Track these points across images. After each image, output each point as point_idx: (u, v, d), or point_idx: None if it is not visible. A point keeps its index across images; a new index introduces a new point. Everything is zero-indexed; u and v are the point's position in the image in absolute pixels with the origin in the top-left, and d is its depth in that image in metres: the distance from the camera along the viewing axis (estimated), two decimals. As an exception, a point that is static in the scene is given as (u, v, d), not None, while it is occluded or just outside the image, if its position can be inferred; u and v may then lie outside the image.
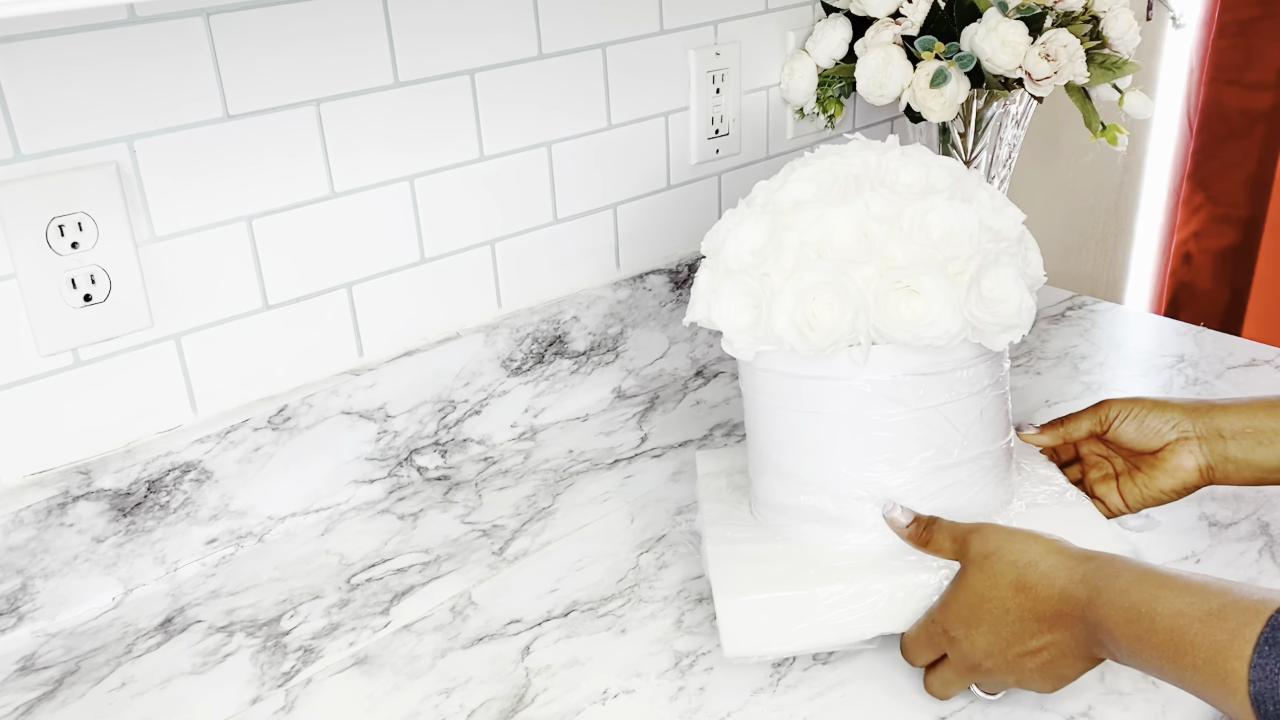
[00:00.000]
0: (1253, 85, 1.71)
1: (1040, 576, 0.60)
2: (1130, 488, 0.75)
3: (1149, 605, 0.55)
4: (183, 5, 0.74)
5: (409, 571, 0.82)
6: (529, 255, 0.99)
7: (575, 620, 0.76)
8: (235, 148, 0.79)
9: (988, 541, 0.64)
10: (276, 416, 0.85)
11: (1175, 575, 0.56)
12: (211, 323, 0.82)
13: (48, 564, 0.76)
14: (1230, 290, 1.83)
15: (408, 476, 0.94)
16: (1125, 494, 0.75)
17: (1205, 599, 0.53)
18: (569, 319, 1.01)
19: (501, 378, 0.98)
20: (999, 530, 0.64)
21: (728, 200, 1.13)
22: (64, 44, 0.70)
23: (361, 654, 0.74)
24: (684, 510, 0.88)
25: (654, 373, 1.10)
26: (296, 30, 0.79)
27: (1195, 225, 1.82)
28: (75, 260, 0.73)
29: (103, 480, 0.77)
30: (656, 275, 1.07)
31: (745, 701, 0.68)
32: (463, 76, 0.89)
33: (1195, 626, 0.53)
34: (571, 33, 0.95)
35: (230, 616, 0.78)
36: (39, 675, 0.73)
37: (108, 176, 0.73)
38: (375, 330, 0.91)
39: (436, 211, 0.91)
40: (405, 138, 0.87)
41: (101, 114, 0.73)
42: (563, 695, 0.69)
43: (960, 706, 0.66)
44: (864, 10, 1.04)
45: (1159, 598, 0.55)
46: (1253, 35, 1.68)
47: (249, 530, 0.86)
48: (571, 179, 0.99)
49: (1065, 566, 0.60)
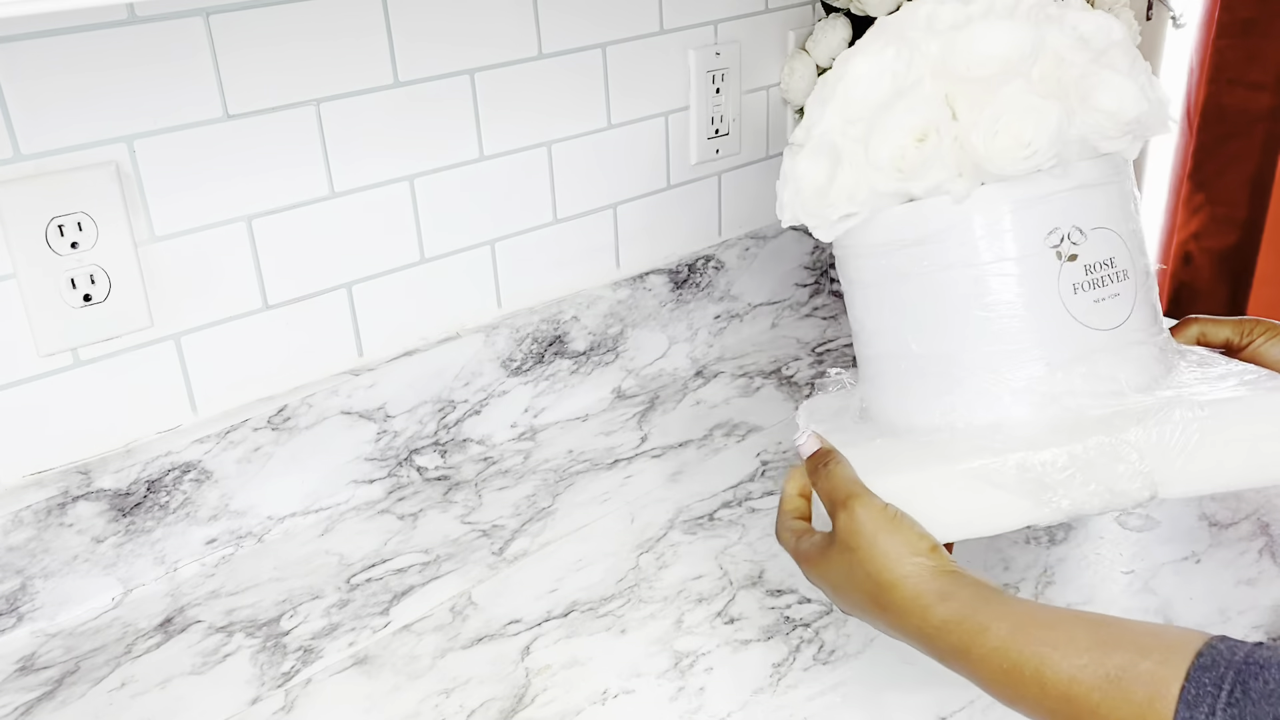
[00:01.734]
0: (1253, 85, 1.70)
1: (899, 607, 0.57)
2: None
3: (1034, 666, 0.50)
4: (182, 5, 0.74)
5: (409, 572, 0.82)
6: (529, 255, 0.99)
7: (575, 620, 0.76)
8: (235, 148, 0.79)
9: (853, 534, 0.59)
10: (276, 416, 0.84)
11: (1056, 621, 0.51)
12: (211, 323, 0.82)
13: (47, 564, 0.76)
14: (1230, 290, 1.83)
15: (407, 476, 0.94)
16: None
17: (1100, 659, 0.49)
18: (569, 319, 1.01)
19: (501, 378, 0.98)
20: (866, 523, 0.58)
21: (728, 200, 1.13)
22: (64, 44, 0.70)
23: (361, 654, 0.74)
24: (682, 510, 0.88)
25: (654, 373, 1.10)
26: (296, 30, 0.79)
27: (1195, 225, 1.82)
28: (75, 260, 0.73)
29: (102, 480, 0.77)
30: (656, 275, 1.07)
31: (745, 701, 0.68)
32: (463, 76, 0.89)
33: (1095, 697, 0.48)
34: (571, 33, 0.95)
35: (230, 617, 0.78)
36: (38, 675, 0.73)
37: (107, 176, 0.73)
38: (375, 330, 0.91)
39: (436, 211, 0.91)
40: (405, 137, 0.87)
41: (101, 114, 0.73)
42: (563, 695, 0.69)
43: (960, 707, 0.66)
44: (864, 10, 1.04)
45: (1045, 659, 0.50)
46: (1253, 35, 1.68)
47: (249, 530, 0.86)
48: (571, 179, 0.99)
49: (925, 605, 0.55)
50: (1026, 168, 0.60)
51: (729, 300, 1.15)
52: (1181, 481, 0.59)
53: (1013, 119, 0.60)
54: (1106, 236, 0.63)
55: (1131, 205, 0.65)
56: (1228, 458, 0.59)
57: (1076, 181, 0.62)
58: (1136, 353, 0.63)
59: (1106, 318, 0.62)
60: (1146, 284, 0.65)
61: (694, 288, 1.11)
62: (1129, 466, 0.59)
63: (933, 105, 0.63)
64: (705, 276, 1.12)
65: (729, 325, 1.16)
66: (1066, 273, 0.62)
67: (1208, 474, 0.59)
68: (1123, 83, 0.61)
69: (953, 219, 0.63)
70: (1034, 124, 0.60)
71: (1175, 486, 0.59)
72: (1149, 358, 0.64)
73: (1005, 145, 0.60)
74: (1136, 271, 0.64)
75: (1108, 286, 0.62)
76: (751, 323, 1.18)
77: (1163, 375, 0.64)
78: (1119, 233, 0.63)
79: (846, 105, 0.66)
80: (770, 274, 1.18)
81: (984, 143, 0.61)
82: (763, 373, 1.11)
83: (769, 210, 1.16)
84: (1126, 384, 0.62)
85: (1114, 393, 0.61)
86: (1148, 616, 0.73)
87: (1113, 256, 0.63)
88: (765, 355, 1.15)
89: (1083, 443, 0.59)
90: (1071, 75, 0.62)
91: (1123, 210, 0.64)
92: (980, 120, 0.61)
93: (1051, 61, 0.63)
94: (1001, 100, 0.61)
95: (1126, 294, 0.63)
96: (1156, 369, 0.64)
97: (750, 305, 1.18)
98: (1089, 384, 0.62)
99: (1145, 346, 0.64)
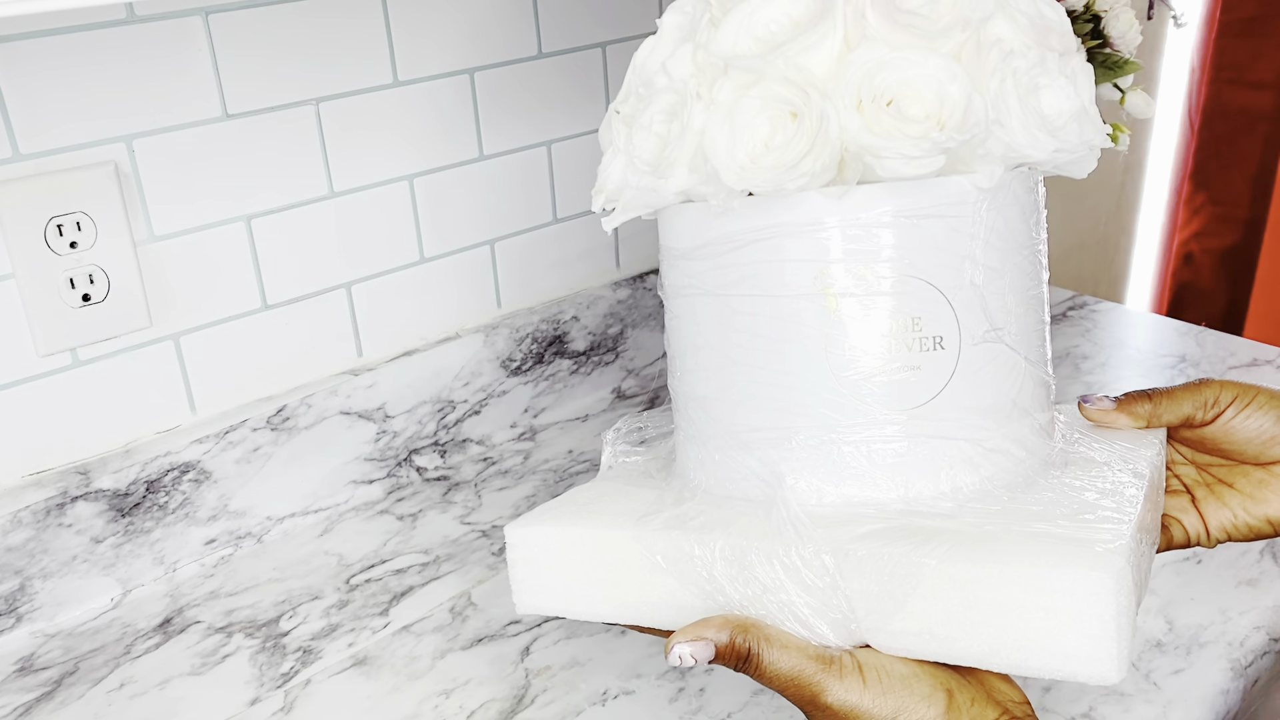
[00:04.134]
0: (1254, 84, 1.70)
1: None
2: (1218, 509, 0.55)
3: None
4: (181, 4, 0.74)
5: (408, 572, 0.82)
6: (529, 255, 0.99)
7: (575, 621, 0.76)
8: (234, 147, 0.79)
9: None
10: (275, 417, 0.84)
11: None
12: (210, 323, 0.82)
13: (46, 564, 0.76)
14: (1232, 290, 1.82)
15: (407, 477, 0.94)
16: (1209, 517, 0.55)
17: None
18: (569, 319, 1.01)
19: (501, 378, 0.98)
20: (850, 714, 0.45)
21: (728, 200, 1.13)
22: (63, 43, 0.70)
23: (361, 655, 0.74)
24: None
25: (654, 373, 1.10)
26: (295, 30, 0.79)
27: (1197, 225, 1.82)
28: (74, 260, 0.73)
29: (101, 481, 0.77)
30: (656, 275, 1.07)
31: (745, 702, 0.68)
32: (462, 76, 0.89)
33: None
34: (571, 32, 0.95)
35: (229, 617, 0.78)
36: (38, 676, 0.73)
37: (106, 176, 0.73)
38: (374, 330, 0.91)
39: (436, 211, 0.91)
40: (404, 137, 0.87)
41: (100, 113, 0.73)
42: (562, 696, 0.69)
43: (961, 707, 0.66)
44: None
45: None
46: (1254, 34, 1.68)
47: (248, 531, 0.85)
48: (571, 179, 0.99)
49: None
50: (916, 151, 0.46)
51: (729, 300, 1.15)
52: (887, 637, 0.46)
53: (902, 84, 0.46)
54: (917, 287, 0.47)
55: (982, 251, 0.48)
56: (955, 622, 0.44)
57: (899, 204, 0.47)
58: (929, 448, 0.48)
59: (892, 394, 0.48)
60: (983, 358, 0.48)
61: (694, 288, 1.11)
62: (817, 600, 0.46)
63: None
64: (705, 276, 1.12)
65: (729, 325, 1.16)
66: (836, 324, 0.48)
67: (921, 635, 0.45)
68: (1068, 90, 0.48)
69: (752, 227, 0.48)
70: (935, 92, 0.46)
71: (879, 639, 0.46)
72: (945, 455, 0.48)
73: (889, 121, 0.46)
74: (965, 342, 0.48)
75: (907, 354, 0.47)
76: (752, 323, 1.18)
77: (973, 481, 0.49)
78: (938, 286, 0.48)
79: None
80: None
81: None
82: (763, 373, 1.11)
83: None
84: (892, 487, 0.48)
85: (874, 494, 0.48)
86: (1149, 616, 0.73)
87: (917, 317, 0.47)
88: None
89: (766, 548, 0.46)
90: (1014, 64, 0.47)
91: (959, 255, 0.48)
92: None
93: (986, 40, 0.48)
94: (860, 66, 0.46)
95: (932, 368, 0.48)
96: (953, 472, 0.48)
97: (751, 305, 1.17)
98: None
99: (943, 442, 0.48)
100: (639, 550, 0.50)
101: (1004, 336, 0.49)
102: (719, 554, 0.48)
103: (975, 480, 0.49)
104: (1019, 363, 0.50)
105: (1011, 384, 0.50)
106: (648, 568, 0.50)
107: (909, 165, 0.46)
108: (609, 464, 0.61)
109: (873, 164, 0.46)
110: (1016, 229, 0.49)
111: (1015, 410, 0.50)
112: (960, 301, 0.48)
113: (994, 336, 0.49)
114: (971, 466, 0.49)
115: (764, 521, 0.48)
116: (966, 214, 0.48)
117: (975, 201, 0.47)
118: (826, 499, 0.49)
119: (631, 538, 0.50)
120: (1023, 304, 0.50)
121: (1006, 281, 0.49)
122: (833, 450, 0.48)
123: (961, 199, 0.47)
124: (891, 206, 0.47)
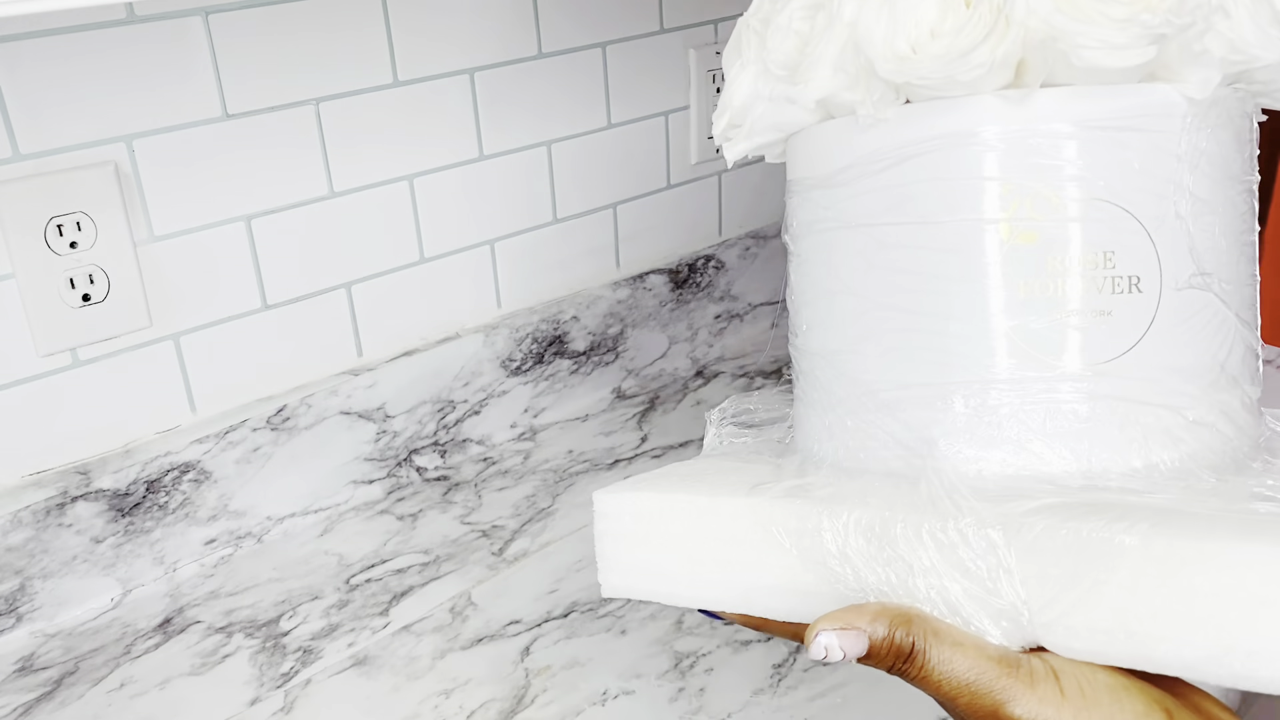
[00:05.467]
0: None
1: None
2: None
3: None
4: (181, 4, 0.74)
5: (408, 572, 0.82)
6: (529, 255, 0.99)
7: (575, 621, 0.76)
8: (234, 147, 0.79)
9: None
10: (275, 417, 0.84)
11: None
12: (210, 323, 0.82)
13: (46, 564, 0.76)
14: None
15: (407, 477, 0.94)
16: None
17: None
18: (569, 319, 1.01)
19: (501, 378, 0.98)
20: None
21: (728, 200, 1.13)
22: (62, 43, 0.70)
23: (361, 655, 0.74)
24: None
25: (654, 373, 1.10)
26: (295, 29, 0.79)
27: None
28: (74, 260, 0.73)
29: (101, 481, 0.77)
30: (656, 275, 1.07)
31: (745, 702, 0.68)
32: (462, 76, 0.89)
33: None
34: (571, 32, 0.95)
35: (229, 617, 0.78)
36: (38, 676, 0.73)
37: (106, 176, 0.73)
38: (374, 330, 0.91)
39: (436, 211, 0.91)
40: (404, 137, 0.87)
41: (100, 113, 0.73)
42: (562, 696, 0.69)
43: (961, 708, 0.66)
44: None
45: None
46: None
47: (248, 531, 0.85)
48: (571, 179, 0.99)
49: None
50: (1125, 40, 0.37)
51: (729, 300, 1.15)
52: (1068, 635, 0.36)
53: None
54: (1111, 214, 0.39)
55: (1191, 177, 0.40)
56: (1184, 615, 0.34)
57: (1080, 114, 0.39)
58: (1118, 414, 0.39)
59: (1075, 344, 0.39)
60: (1188, 308, 0.40)
61: (694, 287, 1.11)
62: (989, 586, 0.37)
63: None
64: (705, 276, 1.12)
65: (729, 325, 1.16)
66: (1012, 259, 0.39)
67: (1121, 634, 0.35)
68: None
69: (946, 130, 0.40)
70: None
71: (1058, 637, 0.37)
72: (1138, 424, 0.40)
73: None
74: (1167, 285, 0.40)
75: (1097, 296, 0.39)
76: (752, 323, 1.18)
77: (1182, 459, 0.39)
78: (1136, 215, 0.39)
79: None
80: (771, 274, 1.18)
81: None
82: (763, 373, 1.11)
83: (770, 210, 1.15)
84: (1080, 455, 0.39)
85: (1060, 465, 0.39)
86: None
87: (1110, 251, 0.39)
88: (765, 355, 1.14)
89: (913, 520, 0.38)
90: None
91: (1163, 179, 0.39)
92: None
93: None
94: None
95: (1126, 314, 0.39)
96: (1147, 446, 0.40)
97: (750, 305, 1.17)
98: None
99: (1135, 406, 0.39)
100: (754, 521, 0.42)
101: (1213, 284, 0.40)
102: (853, 527, 0.40)
103: (1174, 458, 0.39)
104: (1230, 319, 0.41)
105: (1220, 344, 0.40)
106: (764, 543, 0.42)
107: (1110, 55, 0.37)
108: (713, 446, 0.53)
109: (1064, 55, 0.38)
110: (1231, 157, 0.41)
111: (1223, 377, 0.41)
112: (1162, 236, 0.39)
113: (1202, 283, 0.40)
114: (1170, 440, 0.40)
115: (911, 493, 0.39)
116: (1173, 130, 0.39)
117: (1184, 115, 0.39)
118: (988, 471, 0.40)
119: (746, 506, 0.42)
120: (1235, 249, 0.41)
121: (1218, 218, 0.40)
122: (999, 412, 0.40)
123: (1168, 110, 0.39)
124: (1082, 113, 0.38)
